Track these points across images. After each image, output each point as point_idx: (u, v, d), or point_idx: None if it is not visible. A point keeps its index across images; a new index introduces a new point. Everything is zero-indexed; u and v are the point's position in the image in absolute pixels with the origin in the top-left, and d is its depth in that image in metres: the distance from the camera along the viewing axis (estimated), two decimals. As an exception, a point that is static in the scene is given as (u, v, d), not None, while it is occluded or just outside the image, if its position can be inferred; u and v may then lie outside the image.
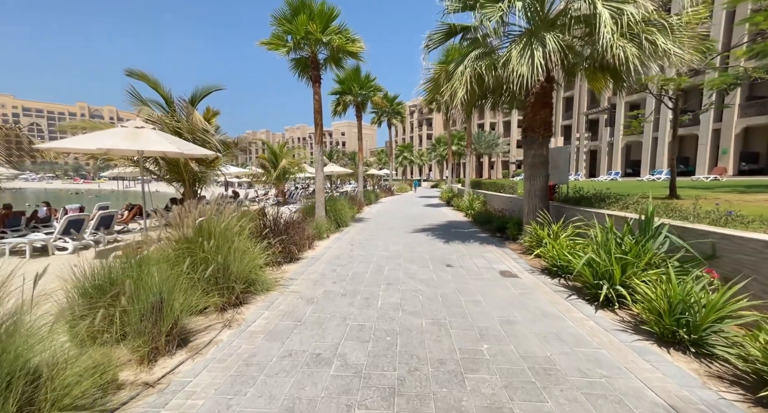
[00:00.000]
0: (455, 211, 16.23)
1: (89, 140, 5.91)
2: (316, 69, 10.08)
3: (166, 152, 6.66)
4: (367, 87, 18.86)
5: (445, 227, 11.14)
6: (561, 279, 5.27)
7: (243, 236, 4.55)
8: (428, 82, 8.43)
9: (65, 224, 7.64)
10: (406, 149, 54.61)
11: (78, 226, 7.95)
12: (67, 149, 6.05)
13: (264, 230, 5.73)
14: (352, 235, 9.69)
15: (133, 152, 7.17)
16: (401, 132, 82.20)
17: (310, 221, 9.38)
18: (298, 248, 6.98)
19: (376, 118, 31.14)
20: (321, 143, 10.28)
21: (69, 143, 5.88)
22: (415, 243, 8.42)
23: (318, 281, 5.21)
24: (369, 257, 6.87)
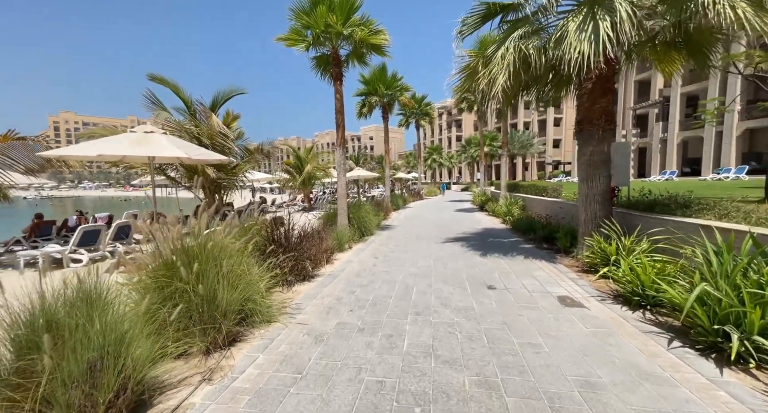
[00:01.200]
0: (490, 216, 14.87)
1: (91, 147, 5.48)
2: (338, 65, 9.35)
3: (174, 157, 6.13)
4: (394, 87, 18.02)
5: (481, 236, 9.93)
6: (646, 312, 4.01)
7: (241, 255, 3.76)
8: (461, 72, 7.37)
9: (80, 235, 7.37)
10: (435, 151, 53.19)
11: (94, 237, 7.68)
12: (68, 156, 5.67)
13: (271, 245, 4.95)
14: (377, 246, 8.77)
15: (143, 157, 6.75)
16: (429, 134, 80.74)
17: (332, 229, 8.60)
18: (315, 263, 6.17)
19: (403, 120, 30.22)
20: (343, 146, 9.51)
21: (70, 151, 5.49)
22: (448, 256, 7.35)
23: (332, 309, 4.32)
24: (394, 275, 5.91)
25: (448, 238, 9.74)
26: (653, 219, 5.56)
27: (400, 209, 19.94)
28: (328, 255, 6.71)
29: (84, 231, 7.47)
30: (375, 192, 38.33)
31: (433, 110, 31.63)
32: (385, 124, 19.09)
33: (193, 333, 2.96)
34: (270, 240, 5.13)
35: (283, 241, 5.24)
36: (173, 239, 3.25)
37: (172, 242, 3.23)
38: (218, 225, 4.32)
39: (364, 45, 9.34)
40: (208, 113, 9.18)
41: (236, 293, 3.31)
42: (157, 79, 9.32)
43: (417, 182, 37.46)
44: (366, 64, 10.43)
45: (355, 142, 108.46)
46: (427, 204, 24.45)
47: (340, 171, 9.56)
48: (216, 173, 9.51)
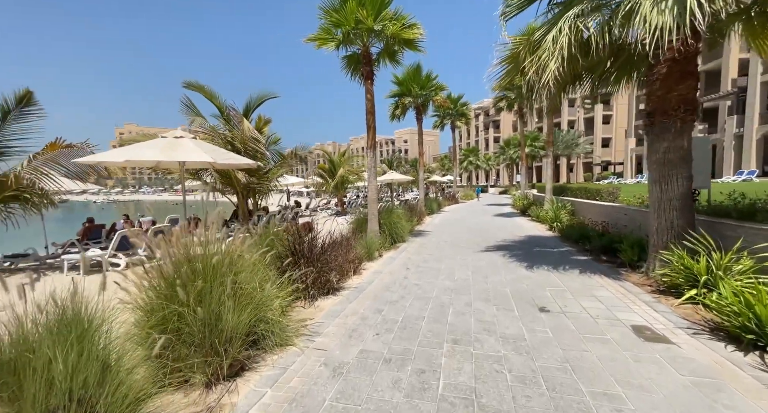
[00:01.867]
0: (534, 222, 13.65)
1: (121, 153, 5.47)
2: (368, 64, 8.93)
3: (201, 162, 5.99)
4: (428, 87, 17.35)
5: (526, 245, 8.95)
6: (766, 355, 3.03)
7: (255, 269, 3.36)
8: (504, 62, 6.58)
9: (118, 239, 7.54)
10: (471, 153, 51.45)
11: (128, 242, 7.84)
12: (98, 162, 5.71)
13: (289, 257, 4.53)
14: (409, 254, 8.16)
15: (175, 163, 6.73)
16: (465, 136, 78.63)
17: (361, 236, 8.14)
18: (341, 273, 5.70)
19: (438, 121, 29.35)
20: (374, 148, 9.05)
21: (100, 157, 5.52)
22: (489, 268, 6.56)
23: (355, 331, 3.79)
24: (428, 290, 5.26)
25: (488, 246, 8.88)
26: (757, 230, 4.43)
27: (435, 213, 19.14)
28: (356, 265, 6.22)
29: (122, 236, 7.64)
30: (409, 196, 37.68)
31: (469, 110, 30.46)
32: (418, 125, 18.46)
33: (193, 362, 2.56)
34: (291, 251, 4.73)
35: (305, 252, 4.81)
36: (178, 252, 2.90)
37: (177, 255, 2.88)
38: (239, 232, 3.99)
39: (395, 41, 8.85)
40: (240, 117, 9.17)
41: (245, 314, 2.89)
42: (194, 86, 9.47)
43: (452, 185, 36.27)
44: (398, 63, 9.92)
45: (389, 145, 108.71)
46: (463, 208, 23.37)
47: (371, 175, 9.10)
48: (247, 178, 9.45)
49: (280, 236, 4.93)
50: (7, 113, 6.97)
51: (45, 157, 7.37)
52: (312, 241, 5.04)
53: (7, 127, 7.05)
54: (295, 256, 4.69)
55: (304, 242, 4.90)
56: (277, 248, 4.68)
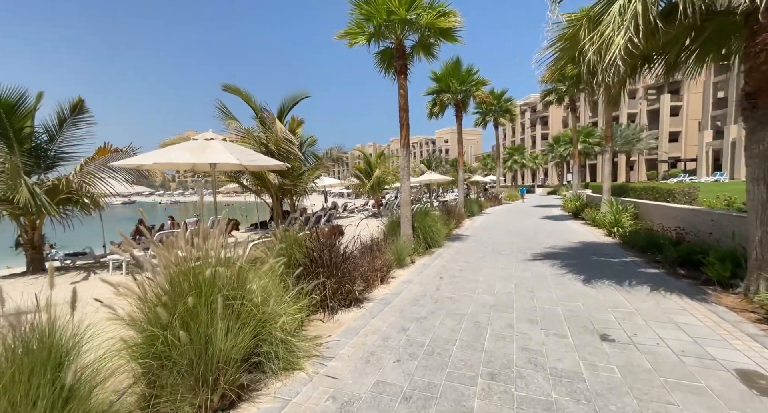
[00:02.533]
0: (588, 226, 12.19)
1: (149, 157, 5.53)
2: (402, 58, 8.42)
3: (228, 163, 5.90)
4: (469, 82, 16.39)
5: (580, 253, 7.85)
6: None
7: (263, 281, 3.01)
8: (556, 43, 5.68)
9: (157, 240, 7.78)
10: (516, 151, 48.70)
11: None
12: (129, 165, 5.82)
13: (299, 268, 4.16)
14: (444, 261, 7.50)
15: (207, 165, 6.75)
16: (510, 134, 74.95)
17: (393, 240, 7.64)
18: (367, 283, 5.26)
19: (480, 118, 27.91)
20: (407, 147, 8.51)
21: (130, 161, 5.62)
22: (536, 280, 5.72)
23: (373, 354, 3.29)
24: (462, 305, 4.62)
25: (535, 254, 7.93)
26: None
27: (475, 215, 18.07)
28: (384, 273, 5.73)
29: (160, 237, 7.87)
30: (450, 197, 36.45)
31: (514, 106, 28.64)
32: (458, 123, 17.56)
33: (180, 394, 2.23)
34: (310, 259, 4.36)
35: (325, 260, 4.41)
36: (170, 261, 2.62)
37: (169, 266, 2.59)
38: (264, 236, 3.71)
39: (431, 31, 8.25)
40: (272, 119, 9.15)
41: (243, 336, 2.52)
42: (232, 89, 9.64)
43: (495, 185, 34.46)
44: (433, 56, 9.29)
45: (429, 146, 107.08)
46: (507, 210, 21.92)
47: (404, 175, 8.57)
48: (280, 180, 9.40)
49: (299, 243, 4.59)
50: (63, 120, 7.50)
51: (96, 162, 7.85)
52: (333, 248, 4.64)
53: (64, 134, 7.59)
54: (314, 265, 4.31)
55: (324, 250, 4.50)
56: (295, 255, 4.34)
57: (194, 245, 2.85)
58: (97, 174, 8.03)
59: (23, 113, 7.06)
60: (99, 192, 8.07)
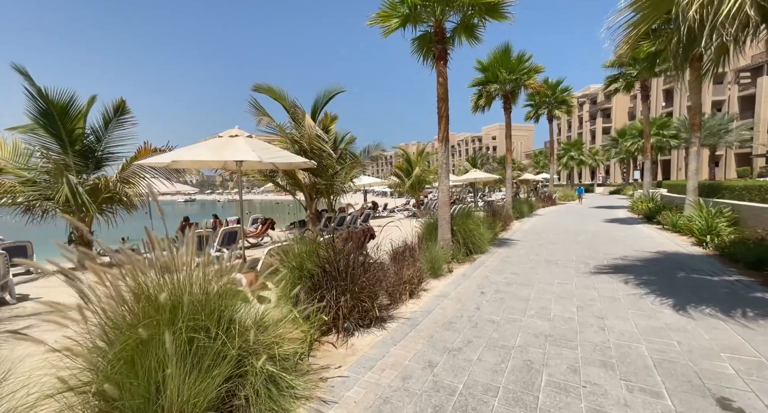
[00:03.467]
0: (668, 232, 10.23)
1: (170, 155, 5.34)
2: (441, 42, 7.54)
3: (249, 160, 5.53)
4: (519, 70, 14.86)
5: (662, 267, 6.37)
6: None
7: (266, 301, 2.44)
8: (639, 1, 4.44)
9: (222, 234, 7.80)
10: (573, 147, 44.52)
11: (232, 237, 8.10)
12: (150, 163, 5.70)
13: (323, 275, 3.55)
14: (487, 271, 6.51)
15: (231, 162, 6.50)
16: (566, 129, 69.20)
17: (429, 246, 6.83)
18: (393, 297, 4.54)
19: (532, 111, 25.69)
20: (446, 141, 7.62)
21: (150, 160, 5.48)
22: (605, 302, 4.56)
23: (387, 404, 2.56)
24: (508, 333, 3.70)
25: (600, 266, 6.60)
26: None
27: (525, 217, 16.45)
28: (414, 286, 4.95)
29: (226, 232, 7.89)
30: (498, 196, 34.31)
31: (571, 96, 25.96)
32: (506, 116, 16.08)
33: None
34: (322, 269, 3.74)
35: (341, 271, 3.76)
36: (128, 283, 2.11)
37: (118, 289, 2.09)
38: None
39: (475, 9, 7.27)
40: (302, 114, 8.79)
41: (208, 381, 1.94)
42: (262, 89, 9.46)
43: (548, 183, 31.66)
44: (476, 39, 8.26)
45: (476, 143, 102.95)
46: (562, 211, 19.77)
47: (442, 173, 7.69)
48: (312, 178, 9.01)
49: (316, 250, 4.00)
50: (108, 121, 7.78)
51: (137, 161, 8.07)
52: (350, 257, 3.97)
53: (109, 134, 7.88)
54: (327, 277, 3.68)
55: (340, 260, 3.85)
56: (307, 266, 3.75)
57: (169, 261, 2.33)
58: (140, 173, 8.28)
59: (74, 114, 7.42)
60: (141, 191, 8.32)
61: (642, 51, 11.69)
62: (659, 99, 46.49)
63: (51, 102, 7.00)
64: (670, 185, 23.20)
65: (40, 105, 7.03)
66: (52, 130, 7.24)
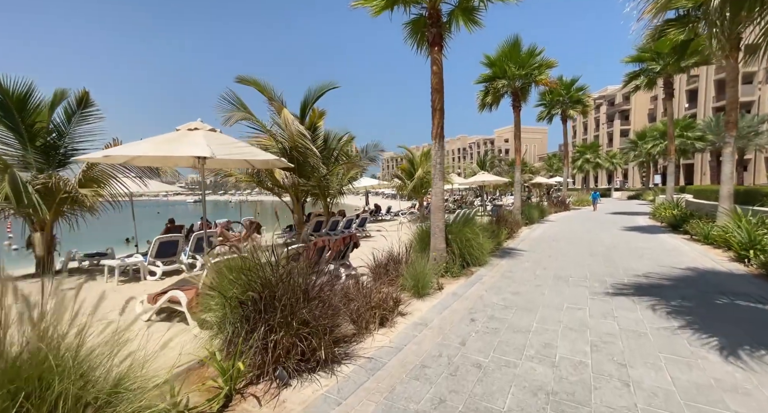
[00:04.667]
0: (699, 245, 9.00)
1: (108, 151, 4.60)
2: (435, 25, 6.64)
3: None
4: (530, 65, 13.80)
5: (697, 288, 5.27)
6: None
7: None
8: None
9: (156, 246, 7.06)
10: (588, 149, 42.69)
11: (172, 248, 7.35)
12: (82, 159, 4.97)
13: (253, 308, 2.68)
14: (484, 289, 5.53)
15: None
16: (581, 131, 67.03)
17: (417, 258, 5.92)
18: (359, 326, 3.65)
19: (544, 111, 24.42)
20: (441, 138, 6.70)
21: (86, 157, 4.75)
22: (629, 339, 3.55)
23: None
24: (495, 390, 2.75)
25: (620, 285, 5.55)
26: None
27: (535, 223, 15.29)
28: (386, 312, 4.03)
29: (160, 242, 7.15)
30: (509, 200, 32.97)
31: (587, 96, 24.58)
32: (515, 115, 15.00)
33: None
34: (259, 294, 2.86)
35: (276, 300, 2.88)
36: None
37: None
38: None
39: (473, -13, 6.35)
40: (278, 107, 7.99)
41: None
42: (247, 81, 8.70)
43: (561, 187, 30.18)
44: (476, 24, 7.31)
45: (488, 146, 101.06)
46: (576, 217, 18.48)
47: (436, 174, 6.76)
48: (294, 179, 8.18)
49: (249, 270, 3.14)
50: (71, 115, 7.15)
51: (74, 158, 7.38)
52: (294, 280, 3.08)
53: (72, 129, 7.25)
54: (257, 308, 2.81)
55: (279, 284, 2.97)
56: (234, 292, 2.90)
57: None
58: (109, 172, 7.62)
59: (33, 106, 6.81)
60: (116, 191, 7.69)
61: (668, 40, 10.51)
62: (682, 100, 44.32)
63: (5, 92, 6.40)
64: (695, 190, 21.60)
65: (-6, 96, 6.43)
66: (9, 123, 6.64)
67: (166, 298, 4.28)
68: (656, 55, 15.95)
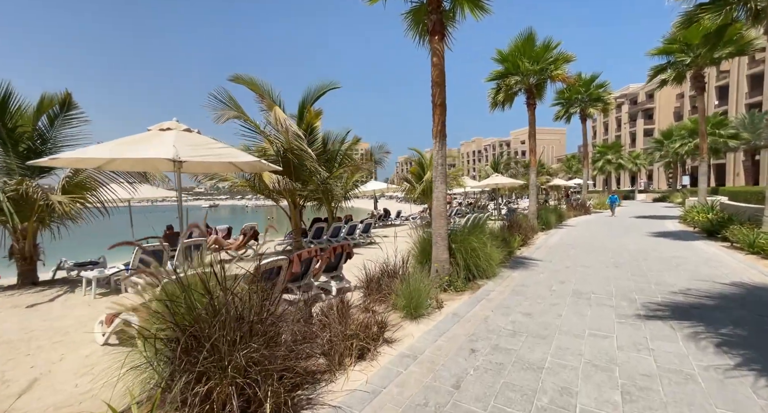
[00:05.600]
0: (741, 253, 7.91)
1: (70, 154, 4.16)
2: (436, 11, 5.99)
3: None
4: (545, 59, 12.92)
5: (751, 310, 4.36)
6: None
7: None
8: None
9: (138, 257, 6.63)
10: (610, 149, 40.73)
11: (157, 257, 6.92)
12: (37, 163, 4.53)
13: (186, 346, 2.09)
14: (491, 308, 4.79)
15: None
16: (601, 132, 64.57)
17: (414, 271, 5.25)
18: (331, 360, 3.01)
19: (561, 110, 23.27)
20: (441, 136, 6.02)
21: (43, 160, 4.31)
22: (672, 386, 2.76)
23: None
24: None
25: (653, 305, 4.69)
26: None
27: (553, 227, 14.28)
28: (366, 341, 3.36)
29: (143, 252, 6.72)
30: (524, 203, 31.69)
31: (608, 93, 23.29)
32: (530, 113, 14.12)
33: None
34: (183, 329, 2.26)
35: (205, 338, 2.27)
36: None
37: None
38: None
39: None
40: (268, 104, 7.48)
41: None
42: (243, 80, 8.27)
43: (581, 190, 28.72)
44: (483, 10, 6.61)
45: (504, 148, 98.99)
46: (597, 221, 17.28)
47: (437, 176, 6.08)
48: (287, 183, 7.64)
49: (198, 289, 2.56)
50: (54, 118, 6.87)
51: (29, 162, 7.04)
52: (235, 310, 2.46)
53: (56, 133, 6.96)
54: (191, 346, 2.21)
55: (221, 311, 2.36)
56: (153, 328, 2.32)
57: None
58: (96, 177, 7.30)
59: (14, 110, 6.54)
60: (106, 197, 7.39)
61: (700, 27, 9.50)
62: (712, 97, 41.83)
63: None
64: (730, 192, 19.96)
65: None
66: (-12, 127, 6.39)
67: (119, 321, 3.78)
68: (685, 46, 14.74)
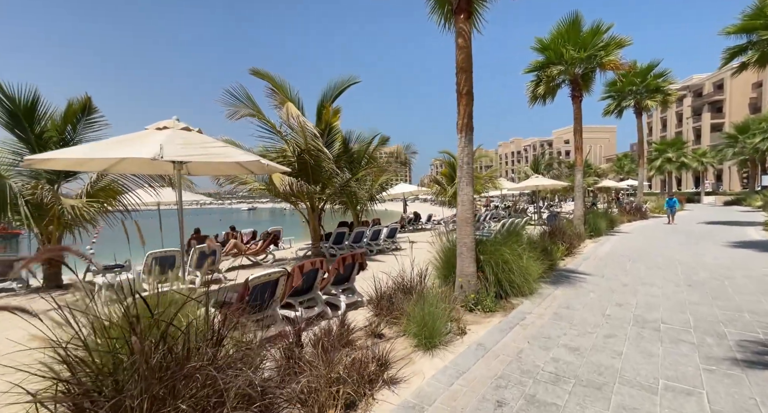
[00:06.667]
0: None
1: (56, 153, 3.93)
2: (461, -14, 5.18)
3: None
4: (593, 45, 11.46)
5: None
6: None
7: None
8: None
9: (150, 261, 6.48)
10: (670, 146, 36.38)
11: (168, 263, 6.74)
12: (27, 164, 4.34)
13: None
14: (526, 338, 3.86)
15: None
16: (658, 128, 58.69)
17: (433, 288, 4.47)
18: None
19: (613, 104, 20.98)
20: (467, 130, 5.19)
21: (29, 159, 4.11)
22: None
23: None
24: None
25: (752, 345, 3.50)
26: None
27: (603, 235, 12.62)
28: (363, 384, 2.65)
29: (153, 257, 6.57)
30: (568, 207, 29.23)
31: (668, 82, 20.64)
32: (575, 107, 12.65)
33: None
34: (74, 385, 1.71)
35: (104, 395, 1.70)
36: None
37: None
38: None
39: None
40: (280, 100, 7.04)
41: None
42: (262, 74, 7.96)
43: (635, 192, 25.83)
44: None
45: (545, 148, 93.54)
46: (656, 228, 15.13)
47: (462, 176, 5.24)
48: (300, 185, 7.15)
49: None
50: (76, 123, 6.96)
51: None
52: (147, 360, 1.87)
53: (78, 137, 7.07)
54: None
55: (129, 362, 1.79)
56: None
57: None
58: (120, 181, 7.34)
59: (41, 115, 6.72)
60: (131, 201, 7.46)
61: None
62: (798, 83, 36.19)
63: (12, 100, 6.32)
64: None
65: (5, 105, 6.39)
66: (19, 132, 6.59)
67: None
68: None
